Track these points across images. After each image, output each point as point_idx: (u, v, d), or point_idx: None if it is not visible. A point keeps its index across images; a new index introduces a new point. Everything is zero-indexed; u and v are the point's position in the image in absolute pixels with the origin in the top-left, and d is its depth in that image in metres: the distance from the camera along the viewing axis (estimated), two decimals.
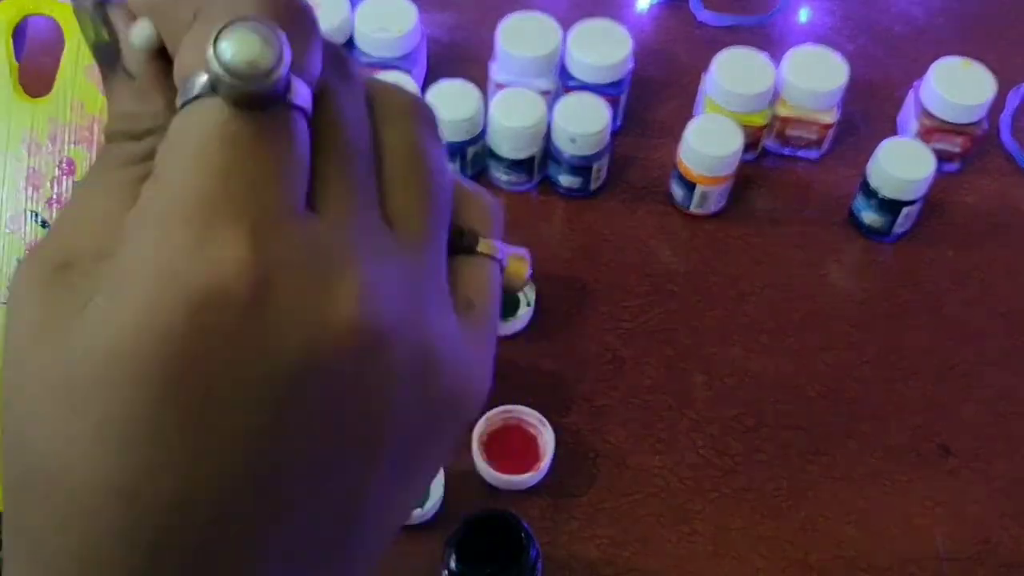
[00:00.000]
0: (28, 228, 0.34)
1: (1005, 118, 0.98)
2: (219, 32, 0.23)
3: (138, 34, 0.26)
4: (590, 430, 0.80)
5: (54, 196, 0.34)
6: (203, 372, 0.22)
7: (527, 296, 0.84)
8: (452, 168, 0.30)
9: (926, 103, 0.91)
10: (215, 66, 0.23)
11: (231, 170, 0.23)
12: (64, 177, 0.34)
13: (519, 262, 0.31)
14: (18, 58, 0.35)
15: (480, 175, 0.92)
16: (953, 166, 0.95)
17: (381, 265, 0.25)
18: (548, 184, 0.91)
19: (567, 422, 0.80)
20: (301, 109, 0.24)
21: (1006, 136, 0.97)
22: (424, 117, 0.28)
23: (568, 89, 0.91)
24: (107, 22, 0.27)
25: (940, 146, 0.92)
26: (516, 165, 0.89)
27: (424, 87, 0.90)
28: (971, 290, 0.89)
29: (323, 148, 0.25)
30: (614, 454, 0.79)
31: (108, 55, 0.27)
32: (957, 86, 0.90)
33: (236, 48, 0.23)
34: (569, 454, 0.79)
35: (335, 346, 0.23)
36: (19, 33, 0.34)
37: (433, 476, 0.30)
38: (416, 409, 0.26)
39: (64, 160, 0.34)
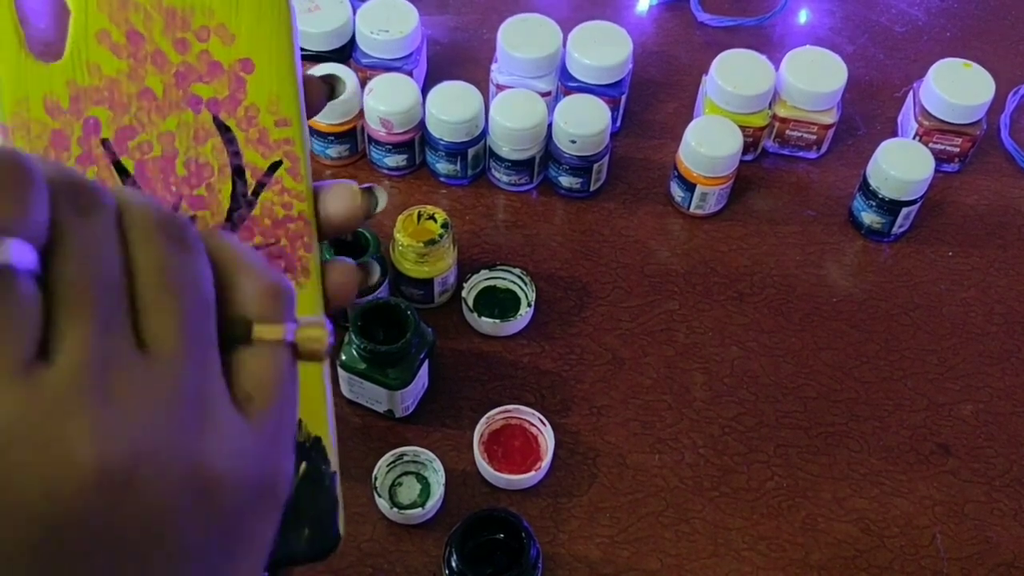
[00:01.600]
0: None
1: (1004, 119, 0.98)
2: None
3: None
4: (590, 430, 0.80)
5: (83, 152, 0.35)
6: None
7: (528, 296, 0.84)
8: (228, 242, 0.30)
9: (926, 104, 0.92)
10: None
11: None
12: (90, 136, 0.35)
13: (311, 330, 0.31)
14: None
15: (480, 176, 0.92)
16: (952, 167, 0.95)
17: (124, 398, 0.25)
18: (548, 185, 0.92)
19: (567, 422, 0.80)
20: (18, 268, 0.24)
21: (1005, 136, 0.97)
22: (169, 231, 0.28)
23: (568, 90, 0.91)
24: None
25: (939, 146, 0.92)
26: (516, 166, 0.89)
27: (425, 88, 0.90)
28: (970, 290, 0.89)
29: (58, 293, 0.25)
30: (614, 454, 0.79)
31: None
32: (956, 87, 0.90)
33: None
34: (569, 454, 0.79)
35: (79, 490, 0.24)
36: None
37: (261, 562, 0.31)
38: (210, 521, 0.27)
39: (88, 119, 0.35)
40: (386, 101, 0.87)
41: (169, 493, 0.26)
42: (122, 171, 0.35)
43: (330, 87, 0.38)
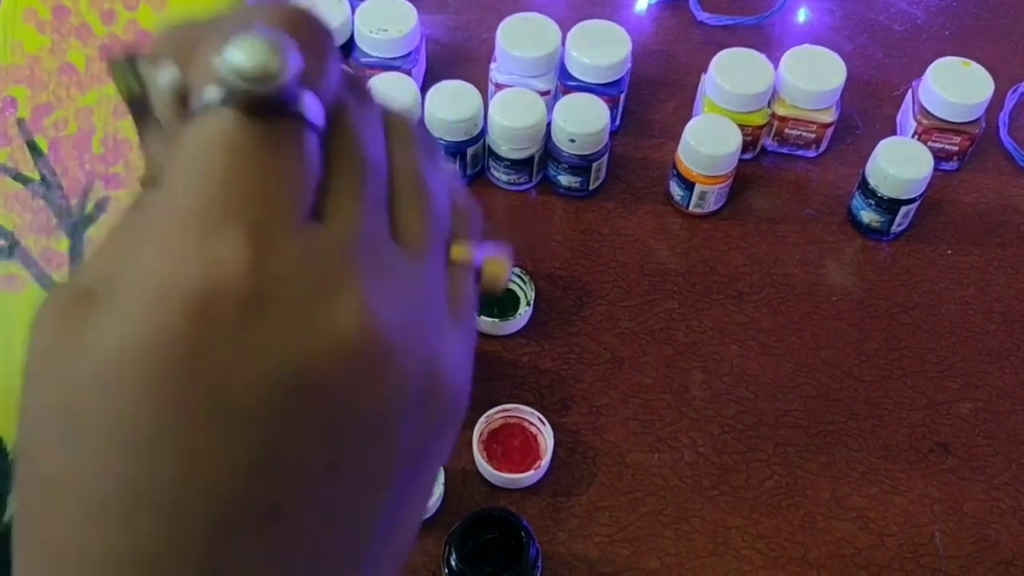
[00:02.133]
0: None
1: (1003, 117, 0.98)
2: (229, 41, 0.23)
3: (163, 77, 0.26)
4: (589, 429, 0.80)
5: None
6: (201, 375, 0.22)
7: (527, 295, 0.84)
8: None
9: (924, 102, 0.92)
10: (223, 71, 0.23)
11: (234, 177, 0.23)
12: (7, 114, 0.34)
13: (496, 265, 0.31)
14: None
15: (480, 175, 0.92)
16: (951, 165, 0.95)
17: (385, 277, 0.25)
18: (547, 184, 0.92)
19: (567, 421, 0.80)
20: (312, 122, 0.24)
21: (1004, 135, 0.97)
22: (427, 144, 0.29)
23: (567, 89, 0.91)
24: (137, 75, 0.27)
25: (938, 145, 0.92)
26: (516, 165, 0.89)
27: (423, 87, 0.90)
28: (969, 289, 0.89)
29: (336, 162, 0.25)
30: (613, 453, 0.79)
31: (141, 108, 0.27)
32: (955, 85, 0.90)
33: (243, 53, 0.23)
34: (569, 453, 0.79)
35: (334, 356, 0.23)
36: None
37: (436, 478, 0.30)
38: (424, 422, 0.26)
39: (6, 98, 0.34)
40: (385, 100, 0.86)
41: (407, 387, 0.25)
42: (35, 151, 0.34)
43: None
